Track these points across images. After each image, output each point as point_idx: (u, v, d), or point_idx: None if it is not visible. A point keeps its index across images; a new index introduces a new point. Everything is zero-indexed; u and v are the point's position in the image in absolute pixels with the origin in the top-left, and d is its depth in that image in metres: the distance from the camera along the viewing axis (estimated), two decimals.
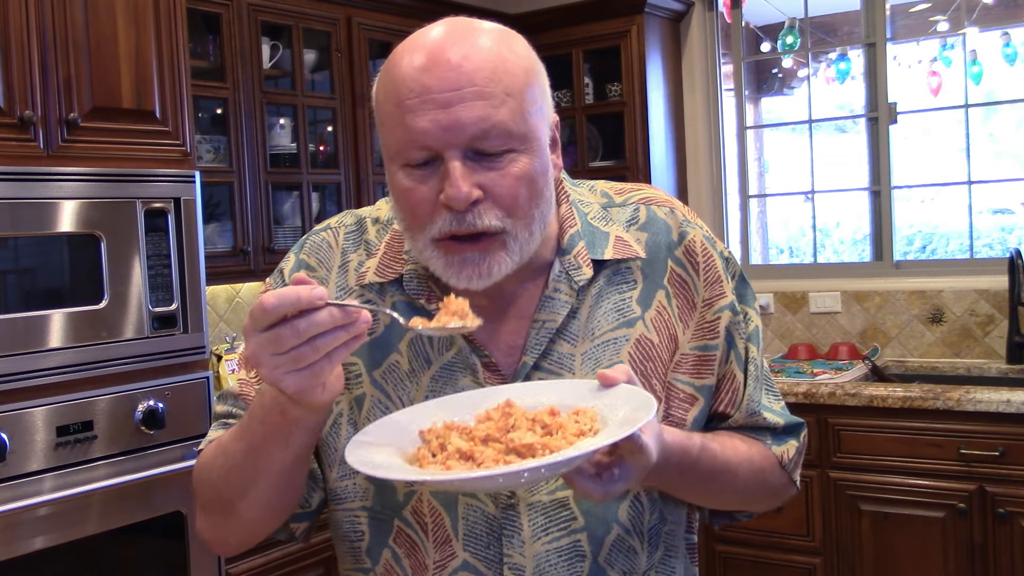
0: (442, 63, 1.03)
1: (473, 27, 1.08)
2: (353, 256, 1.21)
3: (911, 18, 4.08)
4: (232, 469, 1.09)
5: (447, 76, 1.02)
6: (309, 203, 3.42)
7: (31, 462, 2.31)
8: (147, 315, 2.52)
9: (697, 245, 1.20)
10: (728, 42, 4.29)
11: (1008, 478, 3.02)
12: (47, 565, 2.33)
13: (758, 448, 1.21)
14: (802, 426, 1.27)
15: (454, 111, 1.02)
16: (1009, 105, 3.96)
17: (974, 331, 3.71)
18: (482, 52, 1.04)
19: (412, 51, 1.06)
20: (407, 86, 1.04)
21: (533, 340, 1.14)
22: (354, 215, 1.26)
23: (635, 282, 1.18)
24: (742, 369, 1.21)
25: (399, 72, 1.05)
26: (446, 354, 1.14)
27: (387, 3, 3.64)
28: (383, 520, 1.15)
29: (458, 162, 1.03)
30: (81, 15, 2.43)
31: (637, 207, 1.23)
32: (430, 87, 1.02)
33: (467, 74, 1.02)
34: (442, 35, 1.07)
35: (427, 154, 1.04)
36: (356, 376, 1.16)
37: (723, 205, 4.28)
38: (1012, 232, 4.01)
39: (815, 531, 3.34)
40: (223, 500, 1.12)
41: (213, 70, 3.15)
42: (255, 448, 1.05)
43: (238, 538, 1.18)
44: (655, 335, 1.17)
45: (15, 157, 2.31)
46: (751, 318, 1.23)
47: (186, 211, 2.60)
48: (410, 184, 1.06)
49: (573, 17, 4.04)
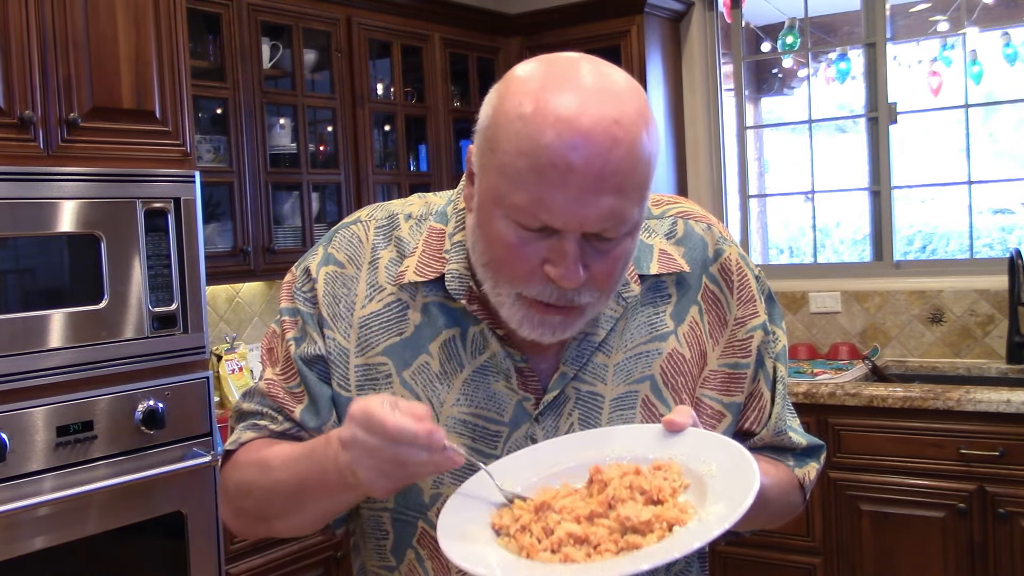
0: (592, 144, 0.96)
1: (615, 92, 1.00)
2: (383, 253, 1.19)
3: (911, 18, 4.08)
4: (275, 495, 1.11)
5: (594, 163, 0.96)
6: (309, 203, 3.42)
7: (31, 462, 2.31)
8: (147, 315, 2.52)
9: (732, 264, 1.20)
10: (728, 42, 4.29)
11: (1008, 478, 3.02)
12: (47, 565, 2.33)
13: (784, 471, 1.22)
14: (822, 448, 1.28)
15: (589, 200, 0.97)
16: (1009, 105, 3.96)
17: (974, 331, 3.71)
18: (627, 137, 0.98)
19: (557, 109, 0.97)
20: (549, 157, 0.96)
21: (575, 351, 1.13)
22: (385, 209, 1.23)
23: (669, 296, 1.18)
24: (770, 388, 1.21)
25: (543, 138, 0.96)
26: (479, 357, 1.13)
27: (387, 3, 3.63)
28: (407, 521, 1.16)
29: (576, 246, 1.00)
30: (81, 15, 2.42)
31: (675, 220, 1.22)
32: (574, 167, 0.96)
33: (612, 164, 0.96)
34: (589, 97, 0.98)
35: (545, 225, 1.00)
36: (386, 376, 1.15)
37: (723, 205, 4.28)
38: (1012, 232, 4.01)
39: (815, 531, 3.34)
40: (261, 515, 1.15)
41: (213, 70, 3.15)
42: (305, 490, 1.07)
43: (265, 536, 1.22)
44: (687, 350, 1.17)
45: (15, 157, 2.31)
46: (779, 337, 1.23)
47: (186, 211, 2.60)
48: (515, 240, 1.02)
49: (573, 17, 4.03)
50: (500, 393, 1.13)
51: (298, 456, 1.08)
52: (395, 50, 3.71)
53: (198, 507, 2.58)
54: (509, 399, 1.13)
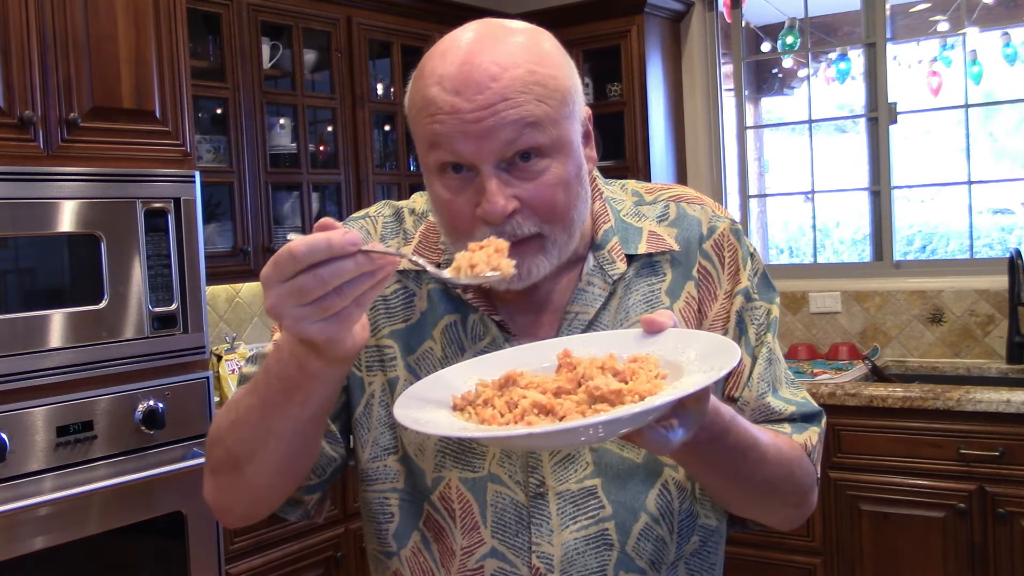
0: (472, 84, 1.02)
1: (501, 34, 1.07)
2: (392, 243, 1.22)
3: (911, 18, 4.08)
4: (242, 427, 1.05)
5: (477, 98, 1.02)
6: (309, 203, 3.42)
7: (31, 462, 2.31)
8: (147, 315, 2.52)
9: (725, 238, 1.21)
10: (728, 42, 4.29)
11: (1008, 478, 3.02)
12: (47, 565, 2.33)
13: (784, 438, 1.17)
14: (821, 414, 1.22)
15: (486, 125, 1.01)
16: (1009, 105, 3.96)
17: (974, 331, 3.71)
18: (512, 65, 1.03)
19: (442, 64, 1.04)
20: (438, 106, 1.03)
21: (565, 331, 1.14)
22: (391, 206, 1.27)
23: (664, 275, 1.19)
24: (750, 354, 1.19)
25: (430, 91, 1.04)
26: (480, 343, 1.15)
27: (387, 3, 3.64)
28: (414, 503, 1.16)
29: (493, 176, 1.03)
30: (81, 15, 2.42)
31: (667, 204, 1.23)
32: (459, 107, 1.02)
33: (498, 91, 1.02)
34: (471, 44, 1.05)
35: (459, 161, 1.05)
36: (391, 359, 1.17)
37: (723, 205, 4.27)
38: (1012, 232, 4.01)
39: (815, 531, 3.34)
40: (232, 460, 1.08)
41: (213, 70, 3.15)
42: (269, 405, 1.00)
43: (244, 506, 1.14)
44: (684, 326, 1.17)
45: (15, 157, 2.31)
46: (769, 310, 1.22)
47: (186, 211, 2.60)
48: (448, 196, 1.07)
49: (573, 17, 4.04)
50: None
51: (258, 375, 1.03)
52: (395, 50, 3.71)
53: (198, 507, 2.58)
54: None
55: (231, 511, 1.16)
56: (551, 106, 1.05)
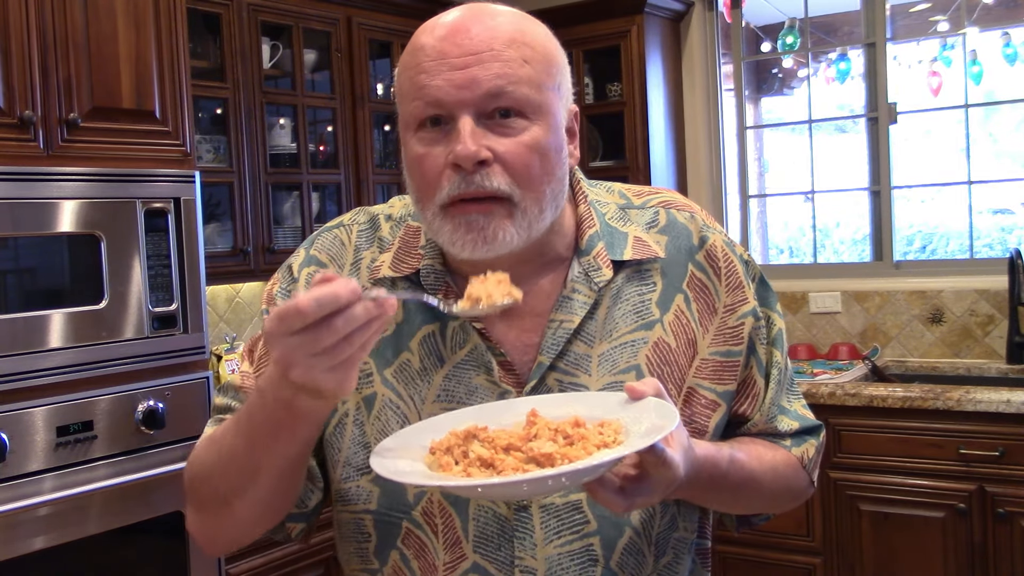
0: (461, 32, 1.06)
1: (493, 8, 1.10)
2: (366, 253, 1.20)
3: (911, 18, 4.08)
4: (229, 465, 1.06)
5: (464, 43, 1.05)
6: (309, 203, 3.42)
7: (31, 462, 2.31)
8: (147, 315, 2.53)
9: (718, 250, 1.20)
10: (728, 42, 4.29)
11: (1008, 478, 3.02)
12: (47, 565, 2.33)
13: (781, 454, 1.21)
14: (820, 428, 1.27)
15: (470, 71, 1.03)
16: (1009, 105, 3.96)
17: (974, 331, 3.71)
18: (501, 25, 1.07)
19: (432, 26, 1.09)
20: (425, 53, 1.06)
21: (550, 340, 1.12)
22: (367, 212, 1.24)
23: (654, 284, 1.17)
24: (763, 374, 1.20)
25: (418, 43, 1.08)
26: (459, 352, 1.13)
27: (387, 3, 3.64)
28: (390, 522, 1.14)
29: (469, 120, 1.04)
30: (81, 15, 2.43)
31: (657, 210, 1.22)
32: (447, 52, 1.05)
33: (485, 40, 1.05)
34: (462, 12, 1.09)
35: (438, 111, 1.05)
36: (367, 375, 1.14)
37: (723, 205, 4.28)
38: (1012, 232, 4.01)
39: (815, 531, 3.34)
40: (219, 497, 1.09)
41: (213, 70, 3.15)
42: (257, 444, 1.01)
43: (230, 537, 1.16)
44: (673, 339, 1.16)
45: (15, 157, 2.31)
46: (774, 321, 1.23)
47: (186, 211, 2.60)
48: (422, 150, 1.07)
49: (573, 17, 4.03)
50: (481, 387, 1.12)
51: (241, 416, 1.04)
52: (395, 50, 3.71)
53: None
54: (490, 393, 1.12)
55: (215, 542, 1.19)
56: (536, 70, 1.06)
